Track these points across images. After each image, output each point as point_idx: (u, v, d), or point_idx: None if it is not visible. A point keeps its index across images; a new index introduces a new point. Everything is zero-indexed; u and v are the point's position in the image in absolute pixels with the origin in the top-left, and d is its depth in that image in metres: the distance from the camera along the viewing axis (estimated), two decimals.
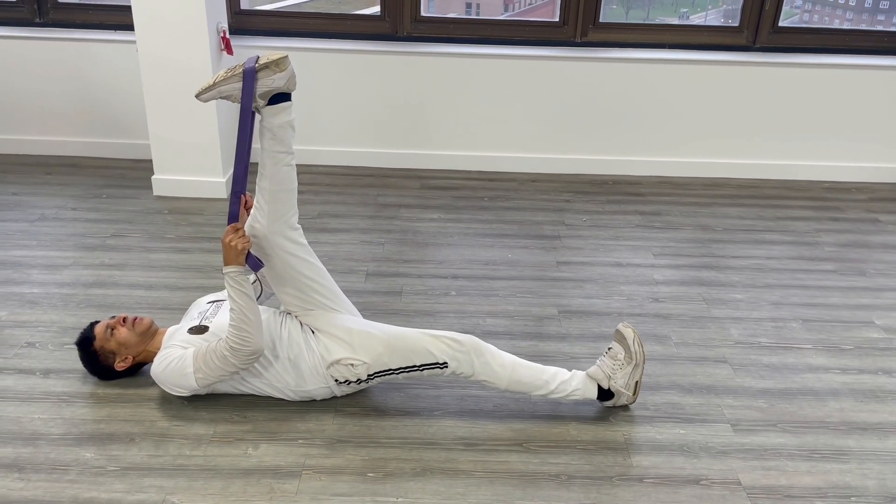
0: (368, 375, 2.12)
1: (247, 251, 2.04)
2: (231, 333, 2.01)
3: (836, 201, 3.84)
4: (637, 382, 2.17)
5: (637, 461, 2.05)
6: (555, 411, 2.23)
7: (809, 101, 3.94)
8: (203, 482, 1.93)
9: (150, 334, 2.23)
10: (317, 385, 2.16)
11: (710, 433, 2.16)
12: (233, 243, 2.01)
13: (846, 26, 4.23)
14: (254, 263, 2.07)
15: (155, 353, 2.19)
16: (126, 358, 2.21)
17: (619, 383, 2.15)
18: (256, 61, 1.94)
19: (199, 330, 2.15)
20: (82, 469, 1.96)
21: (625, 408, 2.24)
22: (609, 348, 2.19)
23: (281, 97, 2.00)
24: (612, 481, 1.98)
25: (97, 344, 2.20)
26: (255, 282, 2.39)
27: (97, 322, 2.25)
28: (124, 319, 2.20)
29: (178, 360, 2.08)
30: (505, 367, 2.12)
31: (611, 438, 2.13)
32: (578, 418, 2.20)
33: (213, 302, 2.31)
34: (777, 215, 3.65)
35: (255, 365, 2.13)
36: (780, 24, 3.91)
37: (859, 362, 2.52)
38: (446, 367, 2.10)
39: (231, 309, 2.02)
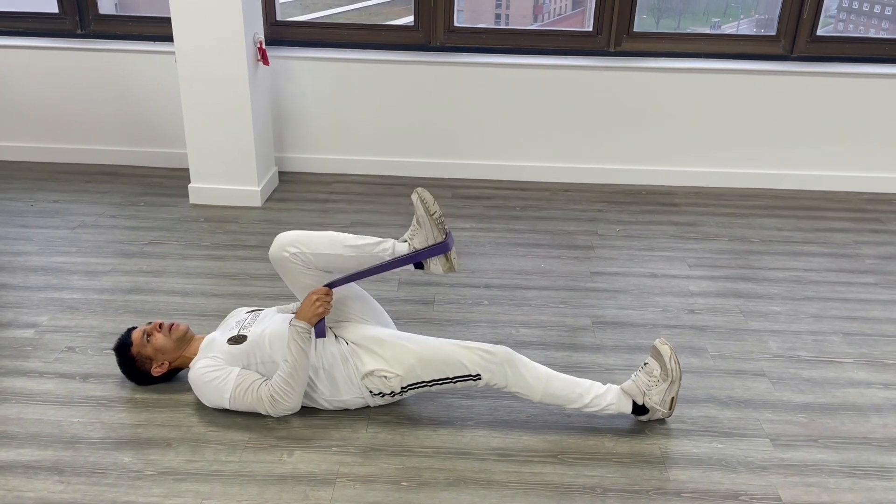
0: (402, 388, 2.13)
1: (322, 318, 2.10)
2: (277, 384, 2.06)
3: (876, 213, 3.76)
4: (673, 398, 2.14)
5: (674, 475, 2.02)
6: (590, 423, 2.20)
7: (848, 110, 3.87)
8: (238, 488, 1.94)
9: (187, 341, 2.26)
10: (352, 395, 2.17)
11: (749, 448, 2.12)
12: (317, 304, 2.08)
13: (882, 35, 4.15)
14: (320, 331, 2.14)
15: (190, 359, 2.22)
16: (162, 364, 2.23)
17: (655, 400, 2.12)
18: (449, 249, 2.15)
19: (238, 340, 2.17)
20: (121, 473, 1.98)
21: (661, 421, 2.21)
22: (645, 363, 2.16)
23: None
24: (649, 495, 1.95)
25: (134, 350, 2.23)
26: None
27: (134, 328, 2.28)
28: (160, 325, 2.23)
29: (220, 379, 2.11)
30: (539, 379, 2.11)
31: (647, 451, 2.10)
32: (614, 430, 2.18)
33: (252, 311, 2.34)
34: (815, 227, 3.58)
35: None
36: (818, 33, 3.86)
37: None
38: (479, 379, 2.09)
39: (285, 360, 2.06)
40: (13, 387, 2.31)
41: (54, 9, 3.97)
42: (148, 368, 2.24)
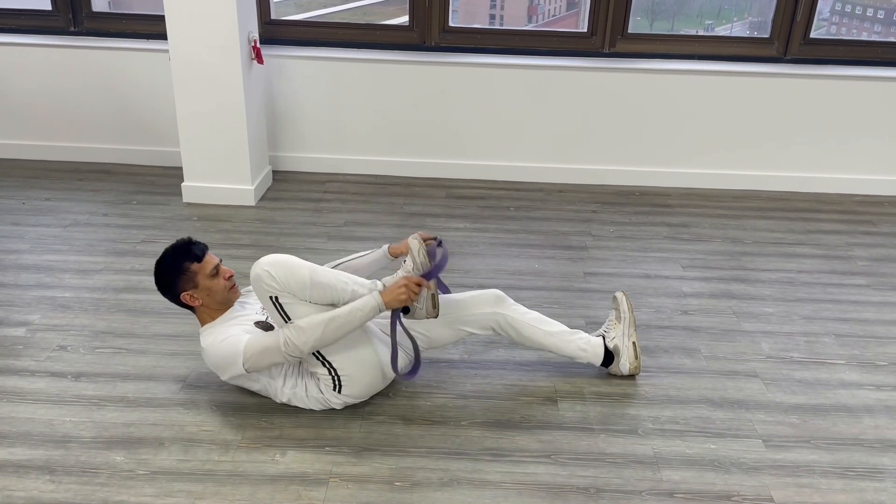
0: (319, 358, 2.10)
1: (403, 306, 2.11)
2: (309, 321, 1.99)
3: (868, 215, 3.78)
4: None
5: (667, 475, 2.02)
6: (583, 423, 2.21)
7: (841, 113, 3.89)
8: (231, 488, 1.94)
9: (227, 306, 2.20)
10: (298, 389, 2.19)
11: (742, 448, 2.13)
12: (400, 290, 2.06)
13: (874, 38, 4.17)
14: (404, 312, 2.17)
15: (209, 319, 2.17)
16: (196, 299, 2.14)
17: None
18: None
19: (265, 326, 2.14)
20: (112, 472, 1.97)
21: (654, 420, 2.21)
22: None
23: None
24: (642, 495, 1.96)
25: (196, 267, 2.13)
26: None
27: (207, 248, 2.18)
28: (230, 277, 2.18)
29: (236, 336, 2.07)
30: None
31: (640, 452, 2.11)
32: (607, 430, 2.18)
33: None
34: (808, 228, 3.60)
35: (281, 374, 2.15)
36: (811, 35, 3.87)
37: (895, 379, 2.47)
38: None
39: (339, 310, 2.02)
40: (4, 386, 2.29)
41: (47, 6, 3.95)
42: (182, 289, 2.13)
